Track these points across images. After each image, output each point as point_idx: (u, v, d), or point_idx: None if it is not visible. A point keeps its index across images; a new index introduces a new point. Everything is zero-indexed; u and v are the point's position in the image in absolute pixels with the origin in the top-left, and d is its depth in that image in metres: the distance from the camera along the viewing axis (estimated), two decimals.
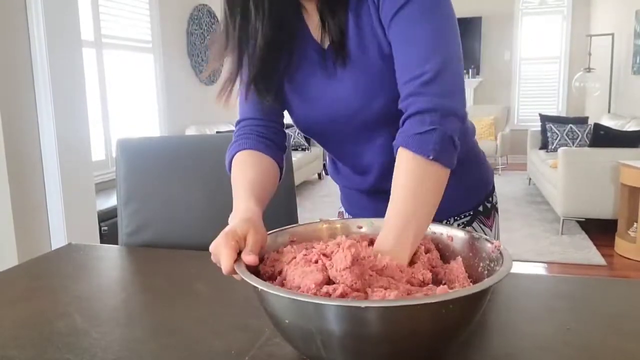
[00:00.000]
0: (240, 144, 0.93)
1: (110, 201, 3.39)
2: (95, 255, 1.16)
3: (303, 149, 6.17)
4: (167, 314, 0.82)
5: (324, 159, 6.84)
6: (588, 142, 4.92)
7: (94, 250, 1.20)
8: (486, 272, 0.68)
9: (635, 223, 3.50)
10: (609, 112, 5.73)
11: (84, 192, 2.71)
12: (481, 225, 1.04)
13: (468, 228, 0.90)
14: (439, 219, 0.80)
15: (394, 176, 0.77)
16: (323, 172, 6.78)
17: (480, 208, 1.04)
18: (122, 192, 1.31)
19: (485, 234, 0.98)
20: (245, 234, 0.70)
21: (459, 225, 1.02)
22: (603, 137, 4.23)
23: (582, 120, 5.61)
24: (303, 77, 0.91)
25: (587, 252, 3.61)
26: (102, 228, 3.02)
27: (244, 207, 0.80)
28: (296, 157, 5.64)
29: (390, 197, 0.76)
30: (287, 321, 0.59)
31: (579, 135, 5.27)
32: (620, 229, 3.66)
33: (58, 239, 2.57)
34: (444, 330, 0.58)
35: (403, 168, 0.76)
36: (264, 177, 0.88)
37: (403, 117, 0.79)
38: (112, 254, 1.19)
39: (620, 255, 3.54)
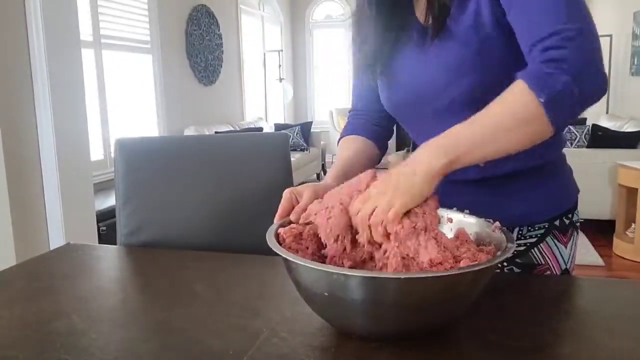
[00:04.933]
0: (346, 130, 1.08)
1: (108, 201, 3.39)
2: (93, 255, 1.16)
3: (302, 150, 6.17)
4: (166, 314, 0.82)
5: (323, 160, 6.84)
6: (586, 143, 4.93)
7: (93, 250, 1.20)
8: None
9: (633, 224, 3.51)
10: (607, 113, 5.73)
11: (82, 192, 2.71)
12: (555, 240, 0.97)
13: (466, 211, 0.88)
14: (510, 227, 0.81)
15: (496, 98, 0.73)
16: (322, 172, 6.78)
17: (557, 222, 0.96)
18: (120, 192, 1.31)
19: (559, 251, 0.97)
20: (302, 191, 0.82)
21: (531, 237, 0.97)
22: (601, 138, 4.24)
23: (580, 121, 5.61)
24: (399, 57, 0.95)
25: (585, 252, 3.61)
26: (101, 228, 3.02)
27: (325, 179, 0.92)
28: (295, 157, 5.64)
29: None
30: (311, 289, 0.66)
31: (577, 136, 5.28)
32: (618, 229, 3.67)
33: (56, 239, 2.57)
34: (454, 298, 0.65)
35: (507, 93, 0.71)
36: (353, 155, 1.00)
37: (532, 55, 0.73)
38: (110, 254, 1.19)
39: (618, 256, 3.54)
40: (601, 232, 3.91)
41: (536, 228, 0.96)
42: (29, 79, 2.49)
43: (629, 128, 4.48)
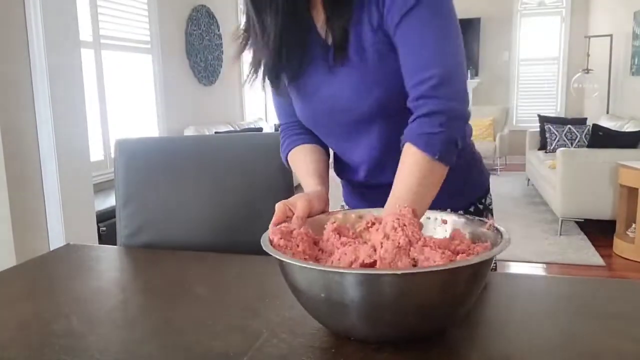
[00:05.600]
0: (290, 143, 1.06)
1: (108, 202, 3.38)
2: (93, 256, 1.16)
3: None
4: (166, 316, 0.81)
5: None
6: (586, 143, 4.93)
7: (93, 251, 1.19)
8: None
9: (633, 224, 3.51)
10: (607, 113, 5.73)
11: (82, 192, 2.71)
12: None
13: (460, 212, 0.90)
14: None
15: (398, 168, 0.83)
16: None
17: (472, 209, 1.06)
18: (120, 192, 1.31)
19: None
20: (295, 201, 0.83)
21: None
22: (601, 138, 4.24)
23: (580, 121, 5.61)
24: (307, 71, 0.95)
25: (585, 252, 3.61)
26: (101, 229, 3.02)
27: (307, 187, 0.95)
28: None
29: (392, 187, 0.83)
30: (308, 292, 0.65)
31: (577, 136, 5.28)
32: (619, 229, 3.67)
33: (56, 240, 2.57)
34: (452, 297, 0.64)
35: (408, 163, 0.83)
36: (316, 162, 1.01)
37: (413, 116, 0.84)
38: (110, 254, 1.19)
39: (619, 256, 3.54)
40: (602, 232, 3.91)
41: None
42: (29, 79, 2.49)
43: (629, 128, 4.47)
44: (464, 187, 1.05)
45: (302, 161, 1.02)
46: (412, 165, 0.82)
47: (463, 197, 1.05)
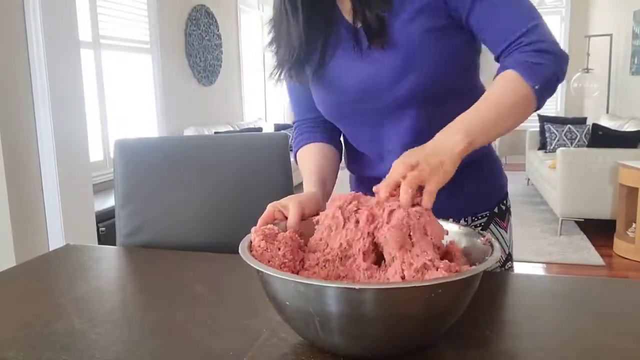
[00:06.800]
0: (300, 140, 1.06)
1: (108, 202, 3.38)
2: (93, 256, 1.16)
3: None
4: (165, 315, 0.81)
5: None
6: (586, 143, 4.93)
7: (92, 251, 1.19)
8: (477, 262, 0.70)
9: (633, 223, 3.51)
10: (607, 112, 5.74)
11: (81, 192, 2.71)
12: (497, 227, 1.05)
13: (462, 223, 0.88)
14: (458, 217, 0.80)
15: (489, 87, 0.82)
16: None
17: (496, 210, 1.05)
18: (120, 193, 1.31)
19: (502, 236, 1.04)
20: (287, 204, 0.81)
21: (476, 226, 1.02)
22: (601, 138, 4.24)
23: (580, 121, 5.62)
24: (334, 57, 0.93)
25: (585, 252, 3.61)
26: (100, 229, 3.02)
27: (305, 188, 0.94)
28: None
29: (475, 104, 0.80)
30: (287, 303, 0.62)
31: (577, 136, 5.28)
32: (619, 229, 3.67)
33: (56, 240, 2.57)
34: (435, 313, 0.61)
35: (504, 84, 0.81)
36: (322, 161, 1.00)
37: (512, 49, 0.83)
38: (110, 254, 1.18)
39: (619, 256, 3.54)
40: (602, 232, 3.91)
41: (479, 217, 1.03)
42: (28, 80, 2.48)
43: (629, 127, 4.48)
44: (492, 187, 1.05)
45: (307, 160, 1.01)
46: (506, 87, 0.80)
47: (490, 198, 1.05)
